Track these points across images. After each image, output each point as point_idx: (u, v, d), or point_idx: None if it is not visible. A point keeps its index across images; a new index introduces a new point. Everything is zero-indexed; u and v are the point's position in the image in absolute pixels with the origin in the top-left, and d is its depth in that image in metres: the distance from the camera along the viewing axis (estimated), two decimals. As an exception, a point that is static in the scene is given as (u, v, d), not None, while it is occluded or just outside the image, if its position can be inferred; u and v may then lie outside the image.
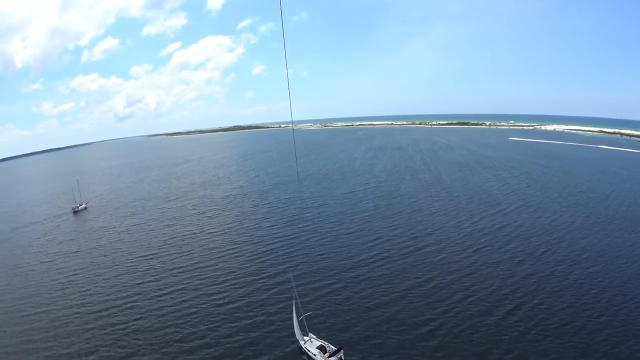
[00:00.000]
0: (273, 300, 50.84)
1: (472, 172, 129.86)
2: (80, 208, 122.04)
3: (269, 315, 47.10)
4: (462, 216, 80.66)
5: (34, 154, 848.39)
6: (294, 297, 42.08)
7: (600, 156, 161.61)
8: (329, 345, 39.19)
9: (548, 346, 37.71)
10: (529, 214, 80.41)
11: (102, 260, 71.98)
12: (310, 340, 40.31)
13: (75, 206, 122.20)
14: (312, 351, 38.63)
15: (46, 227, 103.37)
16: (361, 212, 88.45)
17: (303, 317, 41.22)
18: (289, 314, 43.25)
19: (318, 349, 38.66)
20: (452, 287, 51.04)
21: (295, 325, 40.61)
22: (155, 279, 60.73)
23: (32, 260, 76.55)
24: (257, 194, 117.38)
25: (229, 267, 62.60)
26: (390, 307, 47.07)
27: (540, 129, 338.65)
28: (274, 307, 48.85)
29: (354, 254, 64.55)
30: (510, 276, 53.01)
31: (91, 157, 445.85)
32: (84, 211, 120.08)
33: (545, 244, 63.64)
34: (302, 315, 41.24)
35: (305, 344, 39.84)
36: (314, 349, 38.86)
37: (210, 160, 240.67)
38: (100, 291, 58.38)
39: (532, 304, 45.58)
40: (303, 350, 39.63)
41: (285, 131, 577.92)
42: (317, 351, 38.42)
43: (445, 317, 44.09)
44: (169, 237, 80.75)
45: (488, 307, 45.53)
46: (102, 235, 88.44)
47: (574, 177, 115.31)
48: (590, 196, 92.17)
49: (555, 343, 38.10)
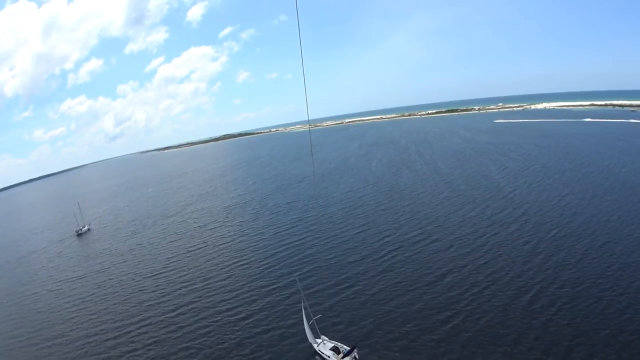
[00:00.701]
0: (283, 305, 50.60)
1: (469, 159, 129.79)
2: (83, 230, 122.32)
3: (280, 321, 46.89)
4: (467, 205, 79.91)
5: (30, 182, 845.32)
6: (302, 301, 41.96)
7: (595, 130, 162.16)
8: (342, 346, 39.09)
9: (578, 330, 36.91)
10: (534, 196, 79.87)
11: (109, 284, 70.60)
12: (323, 342, 40.22)
13: (79, 229, 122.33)
14: (326, 353, 38.59)
15: (51, 254, 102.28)
16: (362, 210, 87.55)
17: (313, 320, 41.19)
18: (300, 318, 42.90)
19: (332, 350, 38.63)
20: (468, 279, 50.12)
21: (307, 329, 40.53)
22: (164, 298, 59.47)
23: (39, 289, 75.44)
24: (256, 201, 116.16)
25: (235, 278, 61.55)
26: (403, 302, 46.53)
27: (531, 108, 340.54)
28: (285, 313, 48.61)
29: (358, 252, 63.94)
30: (526, 262, 52.22)
31: (85, 180, 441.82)
32: (88, 233, 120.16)
33: (557, 225, 62.92)
34: (312, 319, 41.19)
35: (318, 347, 39.86)
36: (327, 350, 38.86)
37: (205, 171, 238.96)
38: (111, 318, 56.98)
39: (553, 288, 44.80)
40: (317, 353, 39.51)
41: (276, 135, 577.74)
42: (331, 352, 38.34)
43: (466, 310, 43.19)
44: (173, 254, 79.30)
45: (509, 296, 44.70)
46: (106, 258, 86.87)
47: (572, 154, 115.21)
48: (592, 171, 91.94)
49: (584, 327, 37.31)
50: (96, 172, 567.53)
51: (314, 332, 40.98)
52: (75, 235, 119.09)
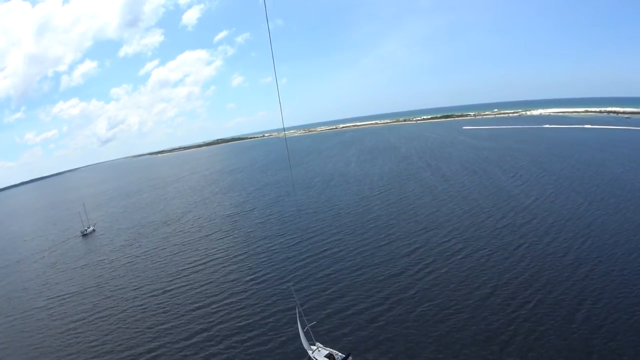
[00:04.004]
0: (277, 310, 51.21)
1: (476, 166, 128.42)
2: (88, 231, 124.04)
3: (274, 327, 47.38)
4: (481, 216, 77.18)
5: (21, 185, 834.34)
6: (297, 307, 41.87)
7: (594, 136, 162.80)
8: (337, 353, 39.05)
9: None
10: (550, 204, 77.76)
11: (108, 302, 68.42)
12: (318, 350, 40.08)
13: (84, 229, 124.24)
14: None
15: (52, 259, 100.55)
16: (361, 219, 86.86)
17: (308, 327, 41.13)
18: (294, 325, 43.09)
19: (326, 358, 38.65)
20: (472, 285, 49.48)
21: (302, 336, 40.44)
22: (168, 316, 57.62)
23: (39, 302, 72.95)
24: (256, 208, 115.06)
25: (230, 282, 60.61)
26: (401, 312, 46.37)
27: (527, 114, 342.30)
28: (279, 319, 49.08)
29: (356, 261, 63.39)
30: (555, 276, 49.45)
31: (78, 184, 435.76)
32: (93, 233, 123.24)
33: (586, 235, 60.42)
34: (307, 325, 41.09)
35: (313, 354, 39.76)
36: (322, 357, 38.81)
37: (201, 176, 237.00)
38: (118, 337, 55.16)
39: (601, 305, 42.25)
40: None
41: (269, 140, 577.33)
42: (325, 359, 38.44)
43: (466, 318, 42.90)
44: (176, 266, 77.40)
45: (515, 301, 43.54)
46: (103, 272, 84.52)
47: (575, 160, 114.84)
48: (603, 180, 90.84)
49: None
50: (88, 176, 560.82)
51: (308, 338, 40.96)
52: (81, 235, 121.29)
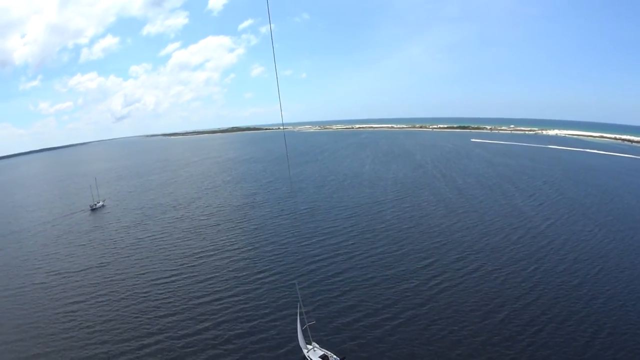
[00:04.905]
0: (279, 308, 51.17)
1: (492, 182, 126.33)
2: (98, 206, 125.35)
3: (274, 324, 47.40)
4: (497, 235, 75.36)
5: (30, 153, 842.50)
6: (298, 306, 41.14)
7: (607, 163, 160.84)
8: (332, 355, 38.92)
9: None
10: (566, 230, 76.17)
11: (109, 286, 67.73)
12: (314, 350, 40.01)
13: (93, 204, 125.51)
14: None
15: (57, 231, 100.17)
16: (375, 223, 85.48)
17: (307, 326, 40.85)
18: (294, 322, 42.71)
19: (320, 358, 38.46)
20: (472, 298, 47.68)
21: (299, 334, 40.19)
22: (171, 306, 56.10)
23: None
24: (268, 204, 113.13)
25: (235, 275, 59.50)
26: (403, 322, 46.26)
27: (542, 133, 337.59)
28: (280, 316, 49.12)
29: (364, 266, 63.17)
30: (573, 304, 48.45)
31: (89, 158, 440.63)
32: (102, 209, 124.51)
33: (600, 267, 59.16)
34: (306, 324, 40.83)
35: (308, 353, 39.58)
36: (316, 358, 38.64)
37: (213, 162, 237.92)
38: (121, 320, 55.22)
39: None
40: (306, 359, 39.44)
41: (286, 133, 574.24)
42: None
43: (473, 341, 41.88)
44: (182, 254, 76.30)
45: None
46: (106, 252, 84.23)
47: (589, 186, 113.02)
48: (618, 210, 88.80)
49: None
50: (100, 152, 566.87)
51: (306, 338, 40.59)
52: (90, 210, 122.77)
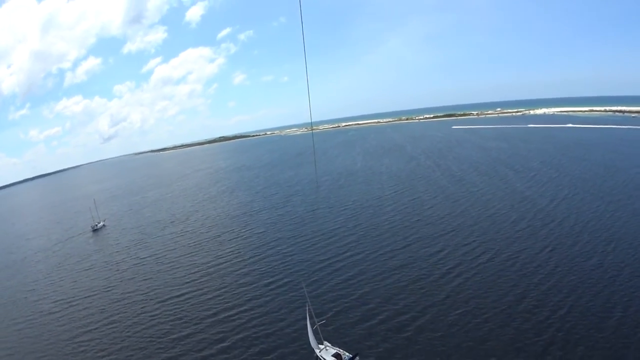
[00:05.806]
0: (287, 309, 51.74)
1: (487, 167, 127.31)
2: (99, 226, 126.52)
3: (283, 324, 47.94)
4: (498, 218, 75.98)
5: (25, 182, 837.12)
6: (307, 305, 41.84)
7: (601, 136, 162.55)
8: (344, 353, 39.12)
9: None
10: (567, 207, 76.46)
11: (116, 308, 68.20)
12: (326, 349, 40.03)
13: (94, 224, 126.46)
14: (328, 359, 38.70)
15: (59, 258, 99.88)
16: (376, 222, 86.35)
17: (317, 326, 41.18)
18: (303, 323, 43.27)
19: (333, 357, 38.71)
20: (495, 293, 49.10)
21: (310, 334, 40.50)
22: (181, 324, 56.43)
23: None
24: (266, 210, 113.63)
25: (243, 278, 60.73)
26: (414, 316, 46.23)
27: (530, 113, 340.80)
28: (289, 316, 49.77)
29: (370, 263, 63.09)
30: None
31: (81, 181, 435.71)
32: (103, 229, 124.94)
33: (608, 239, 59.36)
34: (316, 324, 41.17)
35: (320, 352, 39.85)
36: (329, 357, 38.64)
37: (205, 174, 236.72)
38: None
39: None
40: (318, 359, 39.68)
41: (271, 138, 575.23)
42: (333, 359, 38.50)
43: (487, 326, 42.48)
44: (185, 269, 75.94)
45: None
46: (110, 274, 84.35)
47: (586, 161, 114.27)
48: (618, 181, 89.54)
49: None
50: (91, 174, 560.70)
51: (317, 337, 40.98)
52: (91, 231, 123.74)
